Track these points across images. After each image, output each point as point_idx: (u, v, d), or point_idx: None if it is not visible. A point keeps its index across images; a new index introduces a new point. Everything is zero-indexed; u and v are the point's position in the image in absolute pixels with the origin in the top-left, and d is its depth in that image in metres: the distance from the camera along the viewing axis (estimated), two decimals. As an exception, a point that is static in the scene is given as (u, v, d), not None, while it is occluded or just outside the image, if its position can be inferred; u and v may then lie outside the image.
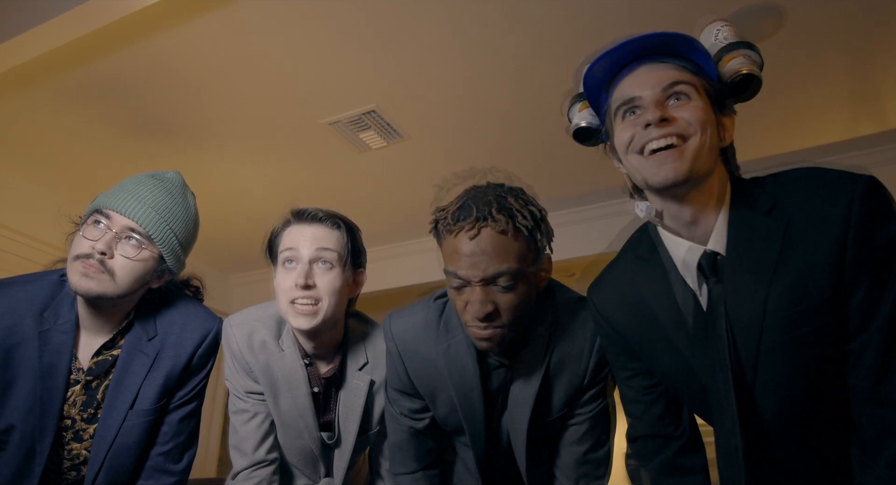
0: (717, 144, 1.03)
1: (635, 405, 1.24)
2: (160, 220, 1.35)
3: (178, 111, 3.00)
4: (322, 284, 1.38)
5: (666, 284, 1.10)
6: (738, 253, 1.01)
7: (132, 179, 1.38)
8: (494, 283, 1.17)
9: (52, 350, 1.32)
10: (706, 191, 1.03)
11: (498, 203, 1.19)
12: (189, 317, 1.46)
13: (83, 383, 1.36)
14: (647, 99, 1.02)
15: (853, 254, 0.93)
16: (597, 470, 1.36)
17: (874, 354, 0.94)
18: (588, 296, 1.27)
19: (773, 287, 0.97)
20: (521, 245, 1.18)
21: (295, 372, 1.48)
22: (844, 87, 2.85)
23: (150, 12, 2.31)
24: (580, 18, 2.40)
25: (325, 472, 1.60)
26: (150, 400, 1.38)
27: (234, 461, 1.52)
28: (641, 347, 1.17)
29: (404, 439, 1.46)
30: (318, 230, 1.43)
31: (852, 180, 0.96)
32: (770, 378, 1.00)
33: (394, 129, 3.15)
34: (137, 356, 1.38)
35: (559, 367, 1.32)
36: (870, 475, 0.95)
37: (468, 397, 1.34)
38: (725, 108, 1.07)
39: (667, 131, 0.99)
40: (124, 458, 1.37)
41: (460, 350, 1.33)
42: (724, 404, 1.00)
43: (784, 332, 0.97)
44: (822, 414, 1.02)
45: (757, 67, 1.07)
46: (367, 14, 2.40)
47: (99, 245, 1.28)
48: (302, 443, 1.54)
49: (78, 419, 1.37)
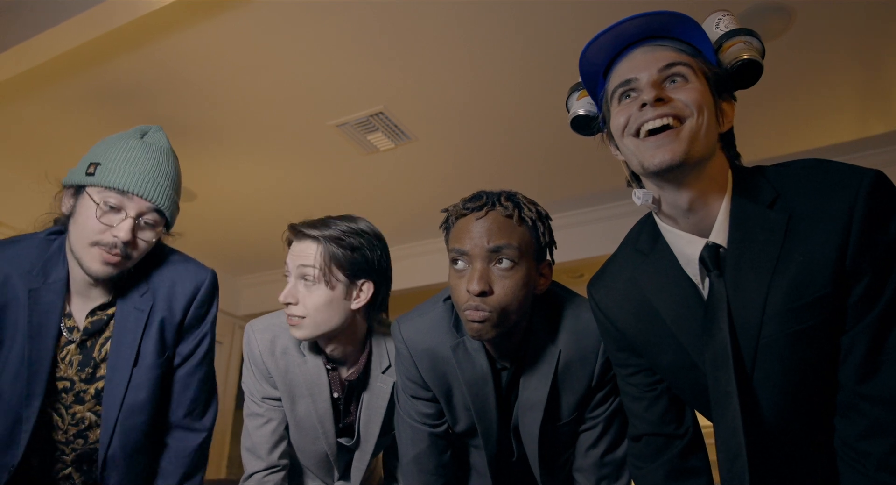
0: (716, 128, 1.01)
1: (637, 403, 1.21)
2: (171, 194, 1.34)
3: (187, 114, 3.02)
4: (304, 301, 1.39)
5: (667, 278, 1.08)
6: (738, 246, 0.99)
7: (131, 150, 1.32)
8: (496, 261, 1.21)
9: (42, 310, 1.29)
10: (705, 178, 1.00)
11: (506, 195, 1.26)
12: (179, 270, 1.43)
13: (78, 343, 1.34)
14: (644, 80, 0.99)
15: (856, 249, 0.91)
16: (616, 471, 1.35)
17: (863, 350, 0.93)
18: (588, 292, 1.25)
19: (774, 281, 0.96)
20: (524, 232, 1.23)
21: (317, 377, 1.49)
22: (854, 87, 2.83)
23: (160, 16, 2.33)
24: (587, 21, 2.40)
25: (339, 475, 1.60)
26: (152, 355, 1.35)
27: (247, 464, 1.52)
28: (643, 344, 1.15)
29: (422, 450, 1.42)
30: (300, 246, 1.42)
31: (858, 174, 0.93)
32: (768, 373, 0.99)
33: (401, 130, 3.16)
34: (132, 313, 1.35)
35: (567, 370, 1.32)
36: (858, 477, 0.93)
37: (480, 394, 1.34)
38: (725, 93, 1.04)
39: (663, 112, 0.96)
40: (136, 416, 1.34)
41: (472, 346, 1.34)
42: (726, 401, 0.99)
43: (784, 327, 0.96)
44: (822, 409, 1.00)
45: (758, 54, 1.04)
46: (374, 16, 2.41)
47: (122, 235, 1.26)
48: (317, 448, 1.54)
49: (76, 380, 1.34)
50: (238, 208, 4.00)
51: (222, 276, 5.00)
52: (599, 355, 1.31)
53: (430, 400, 1.41)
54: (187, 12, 2.37)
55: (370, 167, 3.54)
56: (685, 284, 1.07)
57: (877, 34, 2.48)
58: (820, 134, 3.19)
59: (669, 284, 1.08)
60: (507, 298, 1.20)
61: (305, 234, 1.41)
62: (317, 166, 3.54)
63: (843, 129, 3.15)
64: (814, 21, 2.40)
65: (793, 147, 3.25)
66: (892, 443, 0.90)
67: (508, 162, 3.46)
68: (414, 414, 1.43)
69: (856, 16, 2.37)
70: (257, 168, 3.54)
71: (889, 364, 0.92)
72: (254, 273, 5.10)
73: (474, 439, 1.42)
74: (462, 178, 3.60)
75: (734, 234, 1.00)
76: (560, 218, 3.97)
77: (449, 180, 3.65)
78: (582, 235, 3.86)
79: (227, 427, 4.88)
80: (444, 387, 1.37)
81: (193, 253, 1.52)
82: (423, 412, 1.42)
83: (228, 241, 4.46)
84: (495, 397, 1.34)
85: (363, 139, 3.23)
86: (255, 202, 3.92)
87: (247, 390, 1.55)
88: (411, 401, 1.43)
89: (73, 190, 1.33)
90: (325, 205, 3.93)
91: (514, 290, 1.21)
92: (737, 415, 0.97)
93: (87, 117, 3.03)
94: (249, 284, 5.18)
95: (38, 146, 3.29)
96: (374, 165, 3.51)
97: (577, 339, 1.32)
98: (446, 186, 3.69)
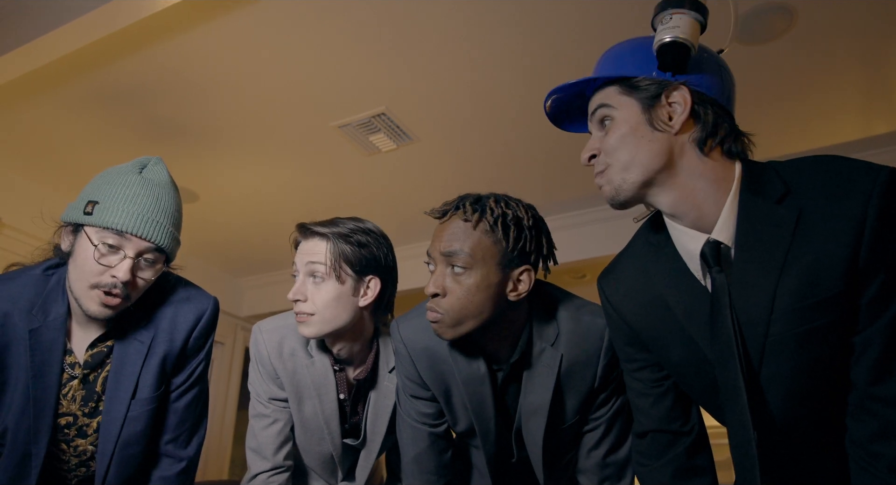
0: (655, 139, 1.00)
1: (643, 399, 1.21)
2: (171, 231, 1.32)
3: (189, 115, 3.02)
4: (313, 297, 1.41)
5: (677, 272, 1.08)
6: (745, 242, 0.98)
7: (129, 187, 1.30)
8: (451, 265, 1.22)
9: (44, 348, 1.29)
10: (678, 185, 1.01)
11: (475, 199, 1.26)
12: (181, 299, 1.42)
13: (80, 378, 1.34)
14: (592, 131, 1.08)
15: (869, 248, 0.90)
16: (619, 472, 1.36)
17: (877, 351, 0.92)
18: (598, 284, 1.24)
19: (783, 279, 0.94)
20: (481, 238, 1.22)
21: (324, 378, 1.49)
22: (857, 87, 2.83)
23: (162, 18, 2.33)
24: (590, 21, 2.40)
25: (343, 476, 1.61)
26: (151, 387, 1.35)
27: (252, 464, 1.52)
28: (652, 338, 1.14)
29: (423, 450, 1.43)
30: (309, 244, 1.45)
31: (873, 171, 0.92)
32: (776, 371, 0.98)
33: (403, 131, 3.16)
34: (132, 344, 1.34)
35: (570, 374, 1.32)
36: (869, 478, 0.92)
37: (477, 394, 1.34)
38: (667, 87, 1.00)
39: (596, 171, 1.06)
40: (133, 447, 1.35)
41: (468, 346, 1.34)
42: (734, 398, 0.98)
43: (792, 326, 0.95)
44: (831, 408, 1.00)
45: (683, 31, 0.98)
46: (376, 17, 2.41)
47: (121, 275, 1.24)
48: (322, 448, 1.54)
49: (79, 415, 1.35)
50: (240, 209, 4.00)
51: (224, 277, 5.03)
52: (601, 357, 1.31)
53: (430, 400, 1.42)
54: (190, 14, 2.37)
55: (372, 168, 3.54)
56: (694, 279, 1.06)
57: (880, 34, 2.47)
58: (823, 134, 3.18)
59: (679, 278, 1.07)
60: (458, 302, 1.21)
61: (314, 231, 1.44)
62: (319, 167, 3.54)
63: (846, 129, 3.15)
64: (817, 21, 2.40)
65: (795, 147, 3.25)
66: None
67: (511, 162, 3.46)
68: (414, 414, 1.43)
69: (859, 15, 2.37)
70: (259, 169, 3.55)
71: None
72: (256, 274, 5.10)
73: (474, 439, 1.43)
74: (464, 178, 3.60)
75: (741, 230, 0.99)
76: (563, 218, 3.97)
77: (451, 181, 3.65)
78: (584, 235, 3.85)
79: (229, 428, 4.88)
80: (442, 386, 1.38)
81: (195, 254, 1.53)
82: (422, 412, 1.43)
83: (230, 242, 4.46)
84: (493, 397, 1.34)
85: (365, 140, 3.23)
86: (256, 203, 3.92)
87: (253, 390, 1.56)
88: (411, 401, 1.43)
89: (71, 227, 1.31)
90: (327, 206, 3.94)
91: (467, 295, 1.21)
92: (745, 409, 0.96)
93: (89, 119, 3.03)
94: (251, 286, 5.18)
95: (41, 147, 3.30)
96: (375, 166, 3.51)
97: (578, 342, 1.31)
98: (448, 186, 3.68)
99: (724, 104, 1.03)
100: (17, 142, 3.25)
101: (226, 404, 4.86)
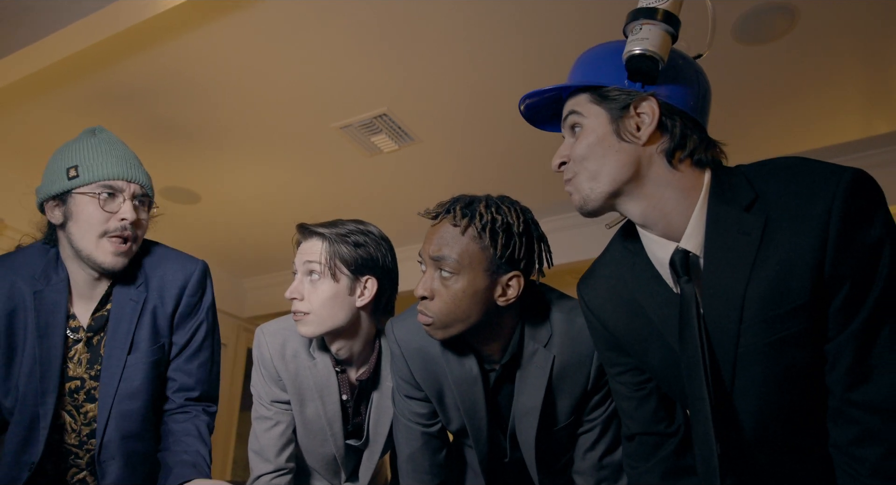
0: (622, 149, 0.99)
1: (628, 402, 1.21)
2: (147, 173, 1.43)
3: (191, 116, 3.03)
4: (310, 296, 1.43)
5: (652, 279, 1.07)
6: (713, 251, 0.97)
7: (97, 146, 1.40)
8: (439, 269, 1.23)
9: (47, 310, 1.36)
10: (646, 195, 1.00)
11: (467, 203, 1.26)
12: (170, 261, 1.49)
13: (84, 341, 1.39)
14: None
15: (834, 254, 0.88)
16: (615, 473, 1.36)
17: (851, 357, 0.90)
18: (578, 290, 1.24)
19: (751, 288, 0.93)
20: (469, 244, 1.22)
21: (327, 379, 1.50)
22: (858, 87, 2.83)
23: (164, 19, 2.34)
24: (590, 21, 2.40)
25: (346, 477, 1.61)
26: (146, 342, 1.41)
27: (255, 466, 1.53)
28: (631, 342, 1.14)
29: (416, 449, 1.44)
30: (308, 244, 1.47)
31: (836, 174, 0.89)
32: (748, 382, 0.97)
33: (405, 132, 3.17)
34: (128, 303, 1.41)
35: (562, 375, 1.32)
36: (852, 482, 0.92)
37: (469, 394, 1.35)
38: (635, 98, 0.99)
39: (565, 178, 1.07)
40: (131, 402, 1.39)
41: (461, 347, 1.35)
42: (700, 406, 0.97)
43: (762, 335, 0.94)
44: (802, 418, 0.99)
45: (653, 43, 0.96)
46: (377, 19, 2.42)
47: (129, 215, 1.34)
48: (325, 450, 1.55)
49: (86, 378, 1.39)
50: (242, 210, 4.01)
51: (227, 278, 5.03)
52: (595, 359, 1.31)
53: (423, 400, 1.43)
54: (192, 15, 2.38)
55: (374, 169, 3.54)
56: (667, 286, 1.06)
57: (881, 34, 2.47)
58: (824, 134, 3.18)
59: (654, 285, 1.07)
60: (446, 306, 1.23)
61: (312, 231, 1.46)
62: (320, 168, 3.55)
63: (847, 129, 3.15)
64: (818, 21, 2.40)
65: (796, 147, 3.25)
66: (884, 449, 0.89)
67: (512, 163, 3.46)
68: (408, 414, 1.45)
69: (860, 15, 2.37)
70: (261, 170, 3.56)
71: (878, 371, 0.90)
72: (258, 275, 5.10)
73: (468, 439, 1.43)
74: (466, 179, 3.61)
75: (710, 238, 0.97)
76: (563, 219, 3.97)
77: (453, 181, 3.65)
78: (584, 235, 3.85)
79: (231, 429, 4.89)
80: (435, 387, 1.38)
81: (197, 255, 1.55)
82: (416, 412, 1.44)
83: (232, 243, 4.47)
84: (484, 398, 1.35)
85: (367, 141, 3.24)
86: (258, 204, 3.93)
87: (255, 393, 1.56)
88: (405, 401, 1.44)
89: (56, 201, 1.38)
90: (328, 206, 3.95)
91: (454, 299, 1.22)
92: (708, 421, 0.96)
93: (91, 120, 3.04)
94: (254, 287, 5.19)
95: (43, 148, 3.29)
96: (377, 166, 3.52)
97: (571, 343, 1.32)
98: (450, 187, 3.65)
99: (694, 115, 1.01)
100: (21, 143, 3.26)
101: (229, 406, 4.87)
